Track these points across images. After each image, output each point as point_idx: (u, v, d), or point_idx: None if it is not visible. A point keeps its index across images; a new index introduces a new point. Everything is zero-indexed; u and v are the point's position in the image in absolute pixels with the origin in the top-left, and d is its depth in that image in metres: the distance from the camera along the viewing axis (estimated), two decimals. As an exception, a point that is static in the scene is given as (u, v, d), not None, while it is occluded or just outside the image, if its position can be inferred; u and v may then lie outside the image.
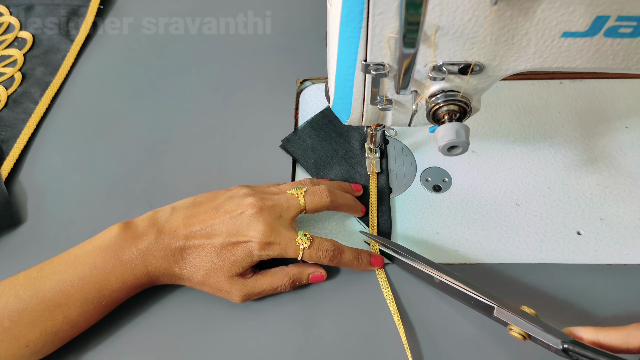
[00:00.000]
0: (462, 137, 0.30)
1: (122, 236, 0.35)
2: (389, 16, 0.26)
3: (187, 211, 0.36)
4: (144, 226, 0.35)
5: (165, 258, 0.35)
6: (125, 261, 0.34)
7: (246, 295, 0.36)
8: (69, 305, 0.33)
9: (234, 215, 0.35)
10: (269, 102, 0.50)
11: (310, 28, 0.57)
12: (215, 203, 0.37)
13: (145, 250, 0.34)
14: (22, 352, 0.32)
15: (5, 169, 0.45)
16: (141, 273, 0.34)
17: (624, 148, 0.45)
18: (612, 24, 0.26)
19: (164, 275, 0.35)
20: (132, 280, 0.34)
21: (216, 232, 0.35)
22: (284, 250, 0.35)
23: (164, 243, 0.35)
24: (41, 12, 0.59)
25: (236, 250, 0.34)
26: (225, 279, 0.35)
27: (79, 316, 0.33)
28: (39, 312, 0.32)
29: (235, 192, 0.38)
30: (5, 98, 0.51)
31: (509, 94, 0.49)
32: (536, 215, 0.41)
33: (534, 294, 0.37)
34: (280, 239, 0.35)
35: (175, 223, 0.36)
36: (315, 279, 0.38)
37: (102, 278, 0.33)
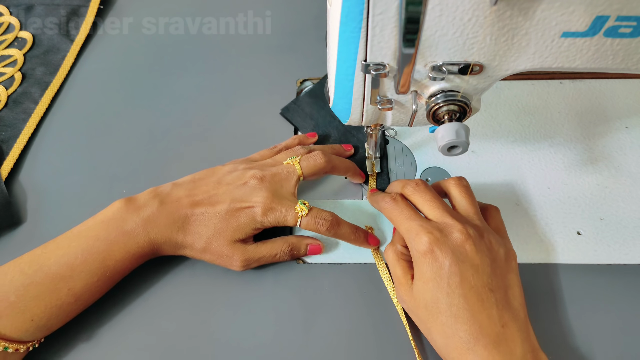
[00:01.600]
0: (462, 137, 0.30)
1: (124, 209, 0.36)
2: (389, 16, 0.26)
3: (188, 185, 0.38)
4: (145, 198, 0.36)
5: (168, 225, 0.35)
6: (128, 231, 0.35)
7: (246, 261, 0.36)
8: (73, 277, 0.33)
9: (237, 186, 0.37)
10: (269, 102, 0.50)
11: (310, 28, 0.57)
12: (216, 177, 0.38)
13: (148, 219, 0.35)
14: (27, 325, 0.32)
15: (5, 169, 0.45)
16: (144, 241, 0.35)
17: (624, 148, 0.45)
18: (612, 24, 0.26)
19: (167, 244, 0.36)
20: (135, 249, 0.35)
21: (220, 200, 0.36)
22: (284, 217, 0.36)
23: (167, 211, 0.36)
24: (41, 12, 0.59)
25: (240, 215, 0.36)
26: (227, 244, 0.36)
27: (83, 288, 0.34)
28: (44, 285, 0.32)
29: (234, 167, 0.39)
30: (5, 98, 0.51)
31: (509, 94, 0.49)
32: (536, 215, 0.41)
33: (534, 294, 0.37)
34: (281, 206, 0.36)
35: (178, 194, 0.37)
36: (313, 250, 0.39)
37: (105, 249, 0.34)
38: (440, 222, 0.33)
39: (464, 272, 0.30)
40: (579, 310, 0.36)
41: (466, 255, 0.31)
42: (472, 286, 0.30)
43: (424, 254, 0.31)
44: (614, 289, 0.37)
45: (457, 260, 0.30)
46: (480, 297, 0.30)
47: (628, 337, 0.35)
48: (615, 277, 0.38)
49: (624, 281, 0.37)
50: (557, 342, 0.35)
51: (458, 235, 0.31)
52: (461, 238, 0.31)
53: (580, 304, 0.37)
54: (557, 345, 0.35)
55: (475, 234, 0.32)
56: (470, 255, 0.31)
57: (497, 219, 0.37)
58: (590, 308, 0.36)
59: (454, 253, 0.31)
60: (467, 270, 0.30)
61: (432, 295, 0.31)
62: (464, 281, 0.30)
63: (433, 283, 0.30)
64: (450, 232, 0.31)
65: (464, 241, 0.31)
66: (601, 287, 0.37)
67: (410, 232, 0.33)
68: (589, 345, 0.35)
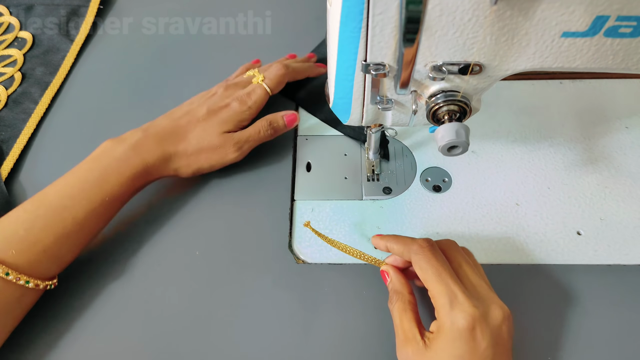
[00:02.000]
0: (462, 137, 0.30)
1: (112, 143, 0.39)
2: (389, 16, 0.26)
3: (165, 115, 0.42)
4: (130, 132, 0.40)
5: (157, 143, 0.39)
6: (119, 156, 0.37)
7: (237, 144, 0.41)
8: (75, 206, 0.35)
9: (208, 97, 0.43)
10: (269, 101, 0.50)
11: (310, 28, 0.57)
12: (186, 102, 0.44)
13: (136, 143, 0.38)
14: (40, 257, 0.33)
15: (5, 169, 0.45)
16: (136, 162, 0.38)
17: (624, 148, 0.45)
18: (612, 24, 0.26)
19: (159, 160, 0.39)
20: (129, 171, 0.37)
21: (198, 110, 0.41)
22: (254, 94, 0.43)
23: (152, 134, 0.39)
24: (41, 12, 0.59)
25: (221, 113, 0.41)
26: (216, 136, 0.40)
27: (86, 215, 0.35)
28: (49, 217, 0.34)
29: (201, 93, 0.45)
30: (5, 98, 0.51)
31: (509, 94, 0.49)
32: (536, 215, 0.41)
33: (534, 294, 0.37)
34: (248, 90, 0.43)
35: (158, 121, 0.41)
36: (290, 120, 0.44)
37: (99, 176, 0.36)
38: (481, 292, 0.30)
39: (496, 356, 0.28)
40: (579, 311, 0.36)
41: (501, 338, 0.28)
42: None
43: (462, 330, 0.27)
44: (614, 289, 0.37)
45: (493, 343, 0.28)
46: None
47: (628, 337, 0.35)
48: (615, 277, 0.38)
49: (624, 281, 0.37)
50: (557, 342, 0.35)
51: (498, 313, 0.29)
52: (501, 318, 0.29)
53: (581, 304, 0.37)
54: (557, 346, 0.35)
55: (509, 312, 0.29)
56: (505, 339, 0.29)
57: None
58: (590, 308, 0.36)
59: (492, 335, 0.28)
60: (498, 355, 0.28)
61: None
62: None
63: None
64: (491, 309, 0.29)
65: (502, 322, 0.29)
66: (601, 288, 0.37)
67: (449, 297, 0.28)
68: (589, 346, 0.35)
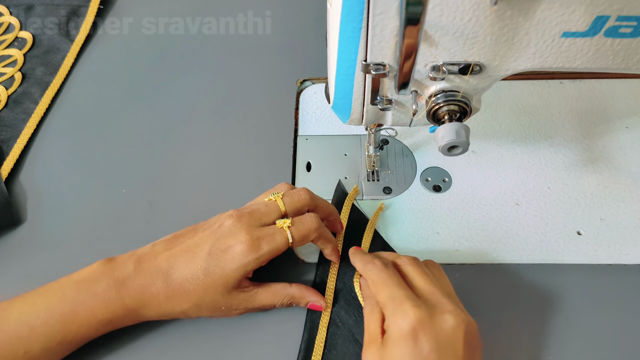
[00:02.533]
0: (462, 137, 0.30)
1: (100, 269, 0.33)
2: (389, 16, 0.26)
3: (167, 241, 0.35)
4: (123, 259, 0.34)
5: (145, 287, 0.32)
6: (98, 293, 0.32)
7: (245, 310, 0.34)
8: (31, 338, 0.30)
9: (214, 230, 0.33)
10: (269, 102, 0.50)
11: (310, 28, 0.57)
12: (194, 227, 0.35)
13: (122, 281, 0.32)
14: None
15: (5, 169, 0.45)
16: (116, 306, 0.32)
17: (624, 148, 0.45)
18: (612, 24, 0.26)
19: (145, 308, 0.32)
20: (103, 314, 0.32)
21: (198, 248, 0.33)
22: (273, 241, 0.32)
23: (144, 270, 0.32)
24: (41, 12, 0.59)
25: (224, 260, 0.32)
26: (221, 295, 0.32)
27: (40, 352, 0.31)
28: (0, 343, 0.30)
29: (214, 217, 0.36)
30: (5, 98, 0.51)
31: (509, 94, 0.49)
32: (536, 215, 0.41)
33: (534, 294, 0.37)
34: (264, 233, 0.33)
35: (156, 250, 0.34)
36: (313, 308, 0.36)
37: (69, 310, 0.31)
38: (432, 299, 0.29)
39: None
40: (579, 311, 0.36)
41: (451, 345, 0.27)
42: None
43: (403, 332, 0.27)
44: (614, 289, 0.37)
45: (438, 348, 0.27)
46: None
47: (628, 337, 0.35)
48: (615, 277, 0.38)
49: (624, 281, 0.37)
50: (557, 342, 0.35)
51: (450, 319, 0.28)
52: (453, 324, 0.27)
53: (581, 304, 0.37)
54: (557, 345, 0.35)
55: (468, 321, 0.28)
56: (456, 346, 0.27)
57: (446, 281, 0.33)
58: (590, 308, 0.36)
59: (438, 339, 0.27)
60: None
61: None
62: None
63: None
64: (441, 313, 0.28)
65: (455, 328, 0.27)
66: (601, 287, 0.37)
67: (393, 301, 0.29)
68: (589, 346, 0.35)
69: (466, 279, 0.38)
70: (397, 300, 0.29)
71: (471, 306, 0.36)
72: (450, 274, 0.38)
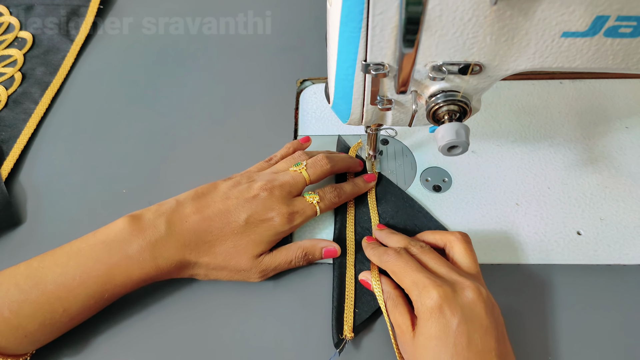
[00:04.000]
0: (462, 137, 0.30)
1: (128, 229, 0.34)
2: (389, 16, 0.26)
3: (194, 201, 0.36)
4: (151, 218, 0.34)
5: (178, 249, 0.34)
6: (132, 255, 0.33)
7: (264, 272, 0.36)
8: (70, 299, 0.32)
9: (247, 199, 0.36)
10: (269, 102, 0.50)
11: (310, 28, 0.57)
12: (221, 191, 0.37)
13: (155, 243, 0.33)
14: (20, 341, 0.32)
15: (5, 169, 0.45)
16: (149, 267, 0.33)
17: (624, 148, 0.45)
18: (612, 24, 0.26)
19: (175, 267, 0.34)
20: (138, 275, 0.33)
21: (233, 216, 0.35)
22: (305, 214, 0.37)
23: (177, 233, 0.34)
24: (41, 12, 0.59)
25: (260, 230, 0.35)
26: (247, 259, 0.35)
27: (79, 310, 0.33)
28: (40, 304, 0.31)
29: (236, 181, 0.38)
30: (5, 98, 0.51)
31: (509, 94, 0.49)
32: (536, 215, 0.41)
33: (534, 294, 0.37)
34: (298, 207, 0.37)
35: (185, 212, 0.35)
36: (328, 254, 0.37)
37: (105, 272, 0.33)
38: (449, 279, 0.31)
39: (472, 334, 0.28)
40: (579, 311, 0.36)
41: (476, 316, 0.29)
42: (479, 350, 0.28)
43: (431, 310, 0.29)
44: (614, 289, 0.37)
45: (466, 319, 0.29)
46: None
47: (628, 337, 0.35)
48: (615, 277, 0.38)
49: (624, 281, 0.37)
50: (557, 342, 0.35)
51: (470, 293, 0.30)
52: (473, 296, 0.29)
53: (581, 305, 0.37)
54: (557, 345, 0.35)
55: (486, 294, 0.30)
56: (480, 316, 0.29)
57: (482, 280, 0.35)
58: (590, 308, 0.36)
59: (463, 312, 0.29)
60: (476, 332, 0.28)
61: (435, 354, 0.28)
62: (471, 344, 0.28)
63: (437, 342, 0.28)
64: (461, 289, 0.30)
65: (476, 300, 0.29)
66: (601, 288, 0.37)
67: (417, 285, 0.30)
68: (589, 345, 0.35)
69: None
70: (420, 284, 0.30)
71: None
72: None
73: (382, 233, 0.38)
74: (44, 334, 0.32)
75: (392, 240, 0.37)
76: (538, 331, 0.36)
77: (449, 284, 0.30)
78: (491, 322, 0.29)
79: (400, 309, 0.32)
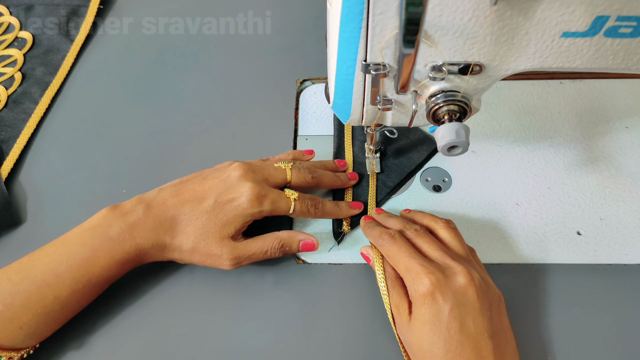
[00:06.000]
0: (462, 137, 0.30)
1: (110, 215, 0.35)
2: (389, 16, 0.26)
3: (175, 187, 0.37)
4: (131, 204, 0.36)
5: (154, 229, 0.35)
6: (113, 237, 0.34)
7: (236, 259, 0.36)
8: (59, 284, 0.33)
9: (222, 179, 0.36)
10: (269, 102, 0.50)
11: (310, 28, 0.57)
12: (202, 175, 0.38)
13: (134, 224, 0.34)
14: (16, 333, 0.32)
15: (5, 169, 0.45)
16: (129, 247, 0.34)
17: (624, 148, 0.45)
18: (612, 24, 0.26)
19: (154, 248, 0.35)
20: (120, 255, 0.34)
21: (205, 196, 0.35)
22: (275, 204, 0.36)
23: (154, 214, 0.35)
24: (41, 12, 0.59)
25: (227, 209, 0.35)
26: (216, 241, 0.35)
27: (69, 296, 0.33)
28: (30, 293, 0.32)
29: (221, 165, 0.39)
30: (5, 98, 0.51)
31: (509, 94, 0.49)
32: (536, 215, 0.41)
33: (535, 294, 0.37)
34: (270, 193, 0.36)
35: (164, 196, 0.36)
36: (306, 247, 0.37)
37: (90, 255, 0.34)
38: (442, 263, 0.32)
39: (464, 318, 0.29)
40: (578, 311, 0.36)
41: (467, 300, 0.30)
42: (471, 333, 0.29)
43: (424, 296, 0.30)
44: (614, 289, 0.37)
45: (457, 304, 0.30)
46: (478, 345, 0.29)
47: (628, 337, 0.35)
48: (615, 277, 0.38)
49: (624, 281, 0.37)
50: (557, 342, 0.35)
51: (461, 278, 0.30)
52: (464, 282, 0.30)
53: (580, 304, 0.37)
54: (557, 346, 0.35)
55: (478, 278, 0.31)
56: (472, 300, 0.30)
57: (477, 258, 0.36)
58: (590, 308, 0.36)
59: (455, 297, 0.30)
60: (468, 315, 0.29)
61: (429, 338, 0.30)
62: (463, 327, 0.29)
63: (431, 326, 0.30)
64: (453, 274, 0.31)
65: (467, 285, 0.30)
66: (601, 287, 0.37)
67: (410, 272, 0.32)
68: (589, 346, 0.35)
69: (466, 279, 0.38)
70: (412, 271, 0.32)
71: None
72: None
73: (380, 216, 0.39)
74: (39, 325, 0.33)
75: (389, 223, 0.37)
76: (538, 331, 0.36)
77: (441, 269, 0.31)
78: (483, 303, 0.30)
79: (399, 291, 0.33)
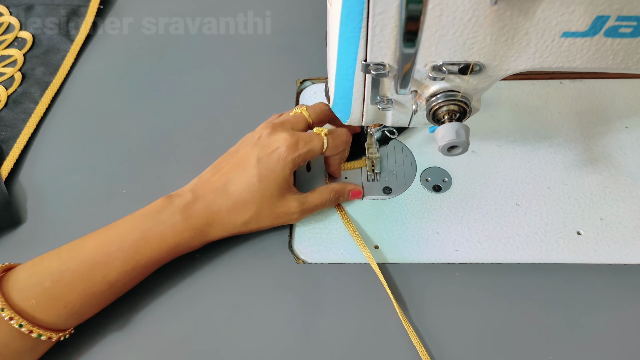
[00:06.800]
0: (462, 137, 0.30)
1: (161, 202, 0.36)
2: (389, 16, 0.26)
3: (213, 168, 0.39)
4: (179, 191, 0.37)
5: (206, 205, 0.36)
6: (163, 220, 0.35)
7: (303, 211, 0.38)
8: (108, 264, 0.33)
9: (254, 143, 0.38)
10: (269, 102, 0.50)
11: (310, 28, 0.57)
12: (232, 149, 0.40)
13: (184, 207, 0.35)
14: (60, 312, 0.32)
15: (5, 169, 0.45)
16: (182, 228, 0.35)
17: (624, 148, 0.45)
18: (612, 23, 0.26)
19: (210, 224, 0.36)
20: (172, 237, 0.35)
21: (246, 161, 0.37)
22: (309, 143, 0.37)
23: (202, 195, 0.36)
24: (41, 12, 0.59)
25: (271, 162, 0.36)
26: (277, 198, 0.36)
27: (117, 276, 0.34)
28: (79, 272, 0.32)
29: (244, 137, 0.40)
30: (5, 98, 0.51)
31: (509, 94, 0.49)
32: (536, 215, 0.41)
33: (534, 293, 0.37)
34: (303, 135, 0.37)
35: (206, 177, 0.38)
36: (355, 195, 0.41)
37: (140, 236, 0.34)
38: None
39: None
40: (579, 311, 0.36)
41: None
42: None
43: None
44: (614, 289, 0.37)
45: None
46: None
47: (628, 337, 0.35)
48: (615, 277, 0.38)
49: (624, 281, 0.37)
50: (557, 342, 0.35)
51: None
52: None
53: (581, 304, 0.37)
54: (557, 345, 0.35)
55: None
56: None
57: None
58: (590, 308, 0.36)
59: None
60: None
61: None
62: None
63: None
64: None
65: None
66: (601, 287, 0.37)
67: None
68: (589, 346, 0.35)
69: (466, 279, 0.38)
70: None
71: (471, 306, 0.37)
72: (450, 274, 0.38)
73: None
74: (84, 304, 0.33)
75: None
76: (538, 331, 0.36)
77: None
78: None
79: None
